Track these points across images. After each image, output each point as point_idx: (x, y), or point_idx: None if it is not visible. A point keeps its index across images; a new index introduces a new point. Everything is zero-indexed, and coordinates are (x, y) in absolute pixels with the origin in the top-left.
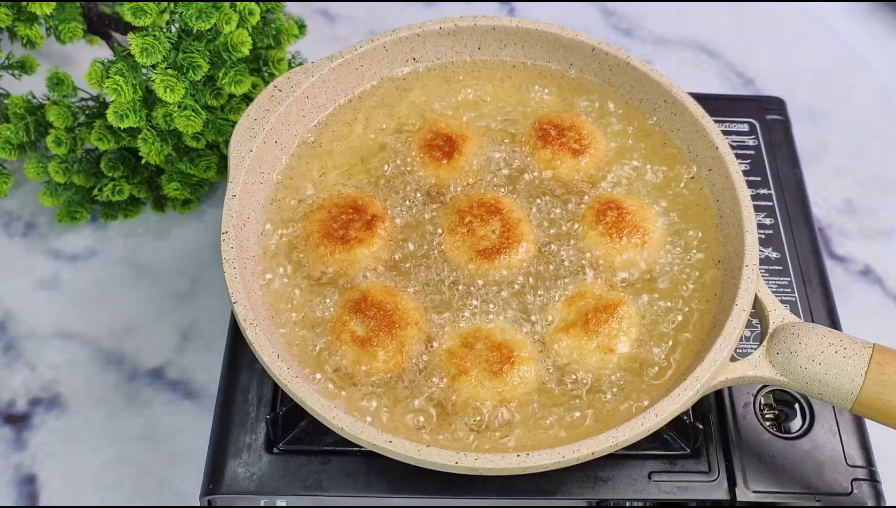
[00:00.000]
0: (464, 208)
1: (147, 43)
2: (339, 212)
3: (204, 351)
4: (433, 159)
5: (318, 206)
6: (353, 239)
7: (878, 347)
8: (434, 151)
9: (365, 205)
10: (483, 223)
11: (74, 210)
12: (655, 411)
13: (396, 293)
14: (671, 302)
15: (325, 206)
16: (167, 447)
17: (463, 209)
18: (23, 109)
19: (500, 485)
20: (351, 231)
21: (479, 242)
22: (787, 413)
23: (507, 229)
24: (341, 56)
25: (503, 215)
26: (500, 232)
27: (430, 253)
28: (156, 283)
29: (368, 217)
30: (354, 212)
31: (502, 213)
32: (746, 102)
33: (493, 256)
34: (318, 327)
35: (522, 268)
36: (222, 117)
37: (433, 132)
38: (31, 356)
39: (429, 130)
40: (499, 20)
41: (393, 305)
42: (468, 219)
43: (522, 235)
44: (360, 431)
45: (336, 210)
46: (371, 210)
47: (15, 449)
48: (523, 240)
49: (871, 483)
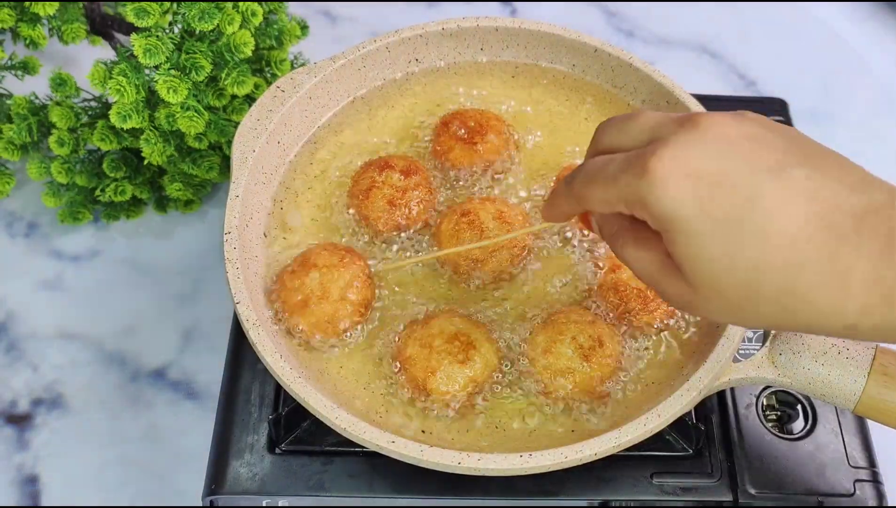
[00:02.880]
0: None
1: (150, 44)
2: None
3: (206, 352)
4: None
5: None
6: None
7: (880, 348)
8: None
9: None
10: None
11: (77, 211)
12: (658, 411)
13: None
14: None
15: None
16: (169, 447)
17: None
18: (25, 109)
19: (503, 485)
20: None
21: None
22: (789, 414)
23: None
24: (344, 57)
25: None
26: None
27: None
28: (158, 283)
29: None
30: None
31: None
32: (748, 104)
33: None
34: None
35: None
36: (225, 118)
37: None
38: (33, 356)
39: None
40: (501, 21)
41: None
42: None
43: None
44: (363, 431)
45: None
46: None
47: (17, 450)
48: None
49: (873, 483)
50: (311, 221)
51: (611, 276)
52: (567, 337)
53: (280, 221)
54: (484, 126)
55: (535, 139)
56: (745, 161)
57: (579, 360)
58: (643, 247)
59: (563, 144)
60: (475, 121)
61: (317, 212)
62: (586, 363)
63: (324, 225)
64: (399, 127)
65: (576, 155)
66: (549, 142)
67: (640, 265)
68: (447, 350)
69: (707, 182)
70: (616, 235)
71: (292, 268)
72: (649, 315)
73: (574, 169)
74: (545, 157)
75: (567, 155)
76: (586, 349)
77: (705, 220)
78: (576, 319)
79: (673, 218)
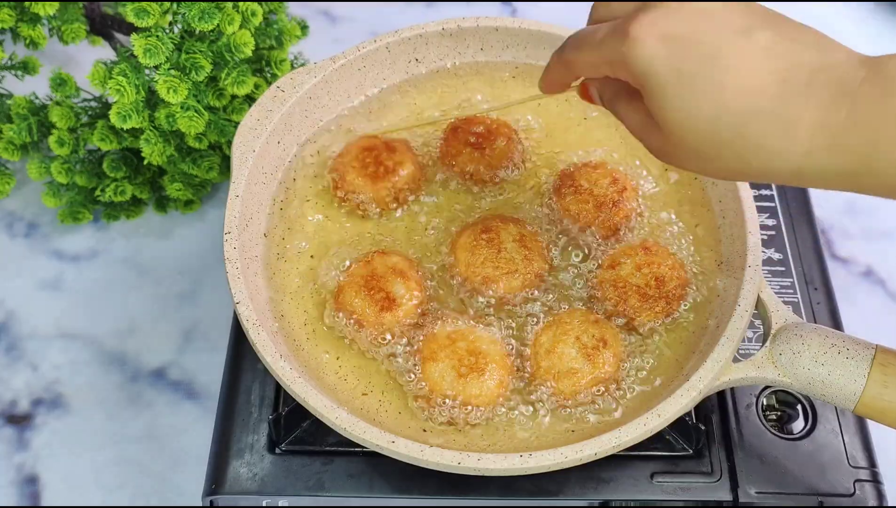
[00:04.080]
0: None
1: (150, 44)
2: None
3: (206, 352)
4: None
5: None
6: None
7: (880, 348)
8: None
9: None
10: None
11: (77, 211)
12: (658, 411)
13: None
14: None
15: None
16: (169, 447)
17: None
18: (25, 109)
19: (503, 485)
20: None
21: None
22: (789, 414)
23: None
24: (344, 57)
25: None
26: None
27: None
28: (158, 283)
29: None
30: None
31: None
32: None
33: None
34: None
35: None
36: (225, 118)
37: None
38: (33, 356)
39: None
40: (501, 21)
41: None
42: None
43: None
44: (363, 431)
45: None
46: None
47: (17, 450)
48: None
49: (873, 483)
50: (310, 220)
51: (609, 272)
52: (571, 337)
53: (280, 220)
54: (493, 132)
55: (535, 139)
56: (714, 24)
57: (582, 360)
58: (632, 105)
59: (563, 144)
60: (484, 126)
61: (316, 212)
62: (589, 363)
63: (324, 225)
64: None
65: (576, 155)
66: (549, 142)
67: (630, 122)
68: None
69: (678, 43)
70: (612, 99)
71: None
72: (647, 313)
73: (566, 38)
74: (545, 156)
75: (567, 155)
76: (589, 349)
77: (673, 74)
78: (580, 318)
79: (647, 73)
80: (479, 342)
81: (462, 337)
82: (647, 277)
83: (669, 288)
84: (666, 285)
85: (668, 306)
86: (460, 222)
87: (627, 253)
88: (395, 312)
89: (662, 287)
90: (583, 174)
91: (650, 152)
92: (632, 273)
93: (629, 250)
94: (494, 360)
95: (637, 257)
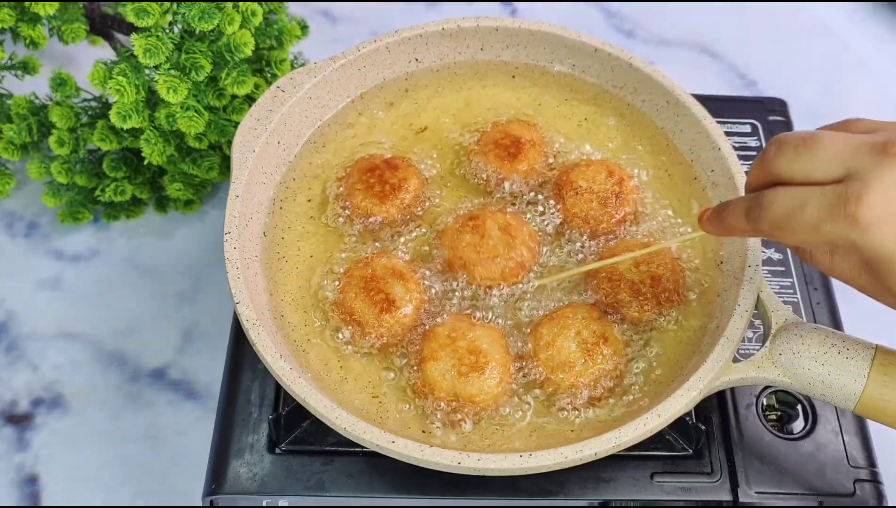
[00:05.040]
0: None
1: (150, 44)
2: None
3: (206, 352)
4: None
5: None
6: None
7: (880, 348)
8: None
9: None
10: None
11: (77, 210)
12: (658, 411)
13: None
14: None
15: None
16: (169, 447)
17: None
18: (25, 109)
19: (503, 485)
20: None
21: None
22: (789, 414)
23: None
24: (344, 57)
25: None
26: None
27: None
28: (158, 283)
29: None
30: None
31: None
32: (748, 104)
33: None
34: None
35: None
36: (225, 118)
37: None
38: (33, 356)
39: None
40: (501, 21)
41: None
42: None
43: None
44: (363, 431)
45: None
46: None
47: (17, 450)
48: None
49: (873, 483)
50: (310, 220)
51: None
52: (571, 332)
53: (280, 220)
54: (523, 142)
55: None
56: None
57: (581, 356)
58: (841, 257)
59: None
60: (515, 133)
61: (316, 212)
62: (589, 359)
63: (323, 225)
64: (399, 127)
65: (575, 154)
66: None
67: (843, 274)
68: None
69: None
70: (813, 253)
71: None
72: (641, 309)
73: (750, 197)
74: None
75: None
76: (590, 345)
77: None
78: (582, 314)
79: (889, 258)
80: (479, 340)
81: (462, 336)
82: (644, 274)
83: (666, 286)
84: (662, 283)
85: (659, 306)
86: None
87: (626, 248)
88: (394, 313)
89: (658, 285)
90: (582, 172)
91: (857, 290)
92: (629, 268)
93: (629, 244)
94: (495, 359)
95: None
